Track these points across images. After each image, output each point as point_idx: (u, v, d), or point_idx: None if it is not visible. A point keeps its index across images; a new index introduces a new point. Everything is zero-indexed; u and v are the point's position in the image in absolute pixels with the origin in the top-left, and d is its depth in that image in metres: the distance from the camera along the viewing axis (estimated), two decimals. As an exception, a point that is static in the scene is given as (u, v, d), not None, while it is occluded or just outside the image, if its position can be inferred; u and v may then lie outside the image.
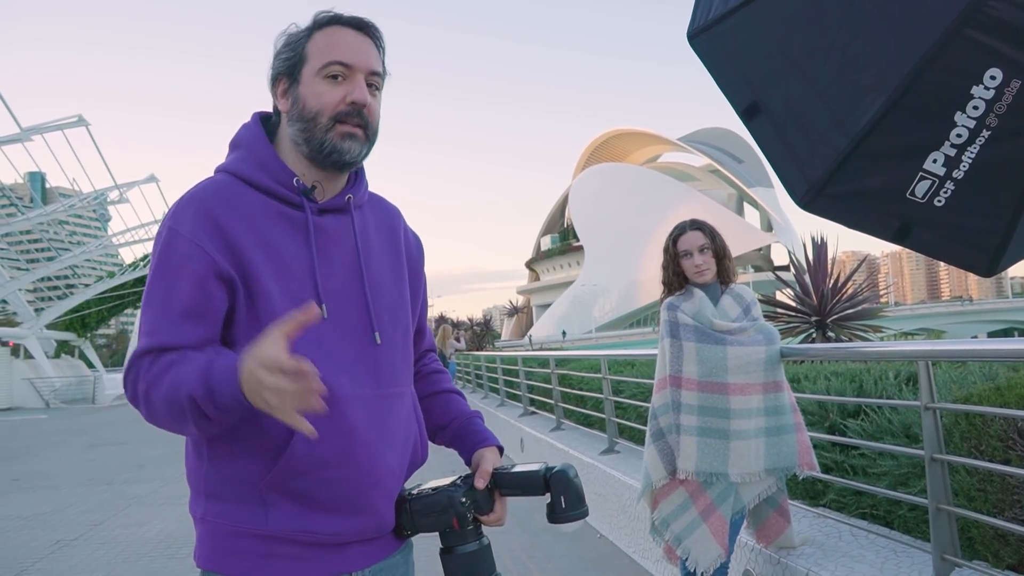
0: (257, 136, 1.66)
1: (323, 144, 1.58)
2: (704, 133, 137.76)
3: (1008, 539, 3.07)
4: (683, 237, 3.56)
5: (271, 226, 1.56)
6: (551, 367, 9.68)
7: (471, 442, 1.80)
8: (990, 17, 1.60)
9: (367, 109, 1.59)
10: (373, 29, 1.65)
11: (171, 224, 1.53)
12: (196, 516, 1.57)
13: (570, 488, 1.61)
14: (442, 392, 1.93)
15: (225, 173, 1.62)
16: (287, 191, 1.59)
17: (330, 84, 1.58)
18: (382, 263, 1.72)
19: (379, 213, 1.80)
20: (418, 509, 1.60)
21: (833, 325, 10.12)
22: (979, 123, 1.69)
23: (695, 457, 3.32)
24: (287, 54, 1.62)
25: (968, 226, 1.86)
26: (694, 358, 3.40)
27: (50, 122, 35.36)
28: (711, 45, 2.02)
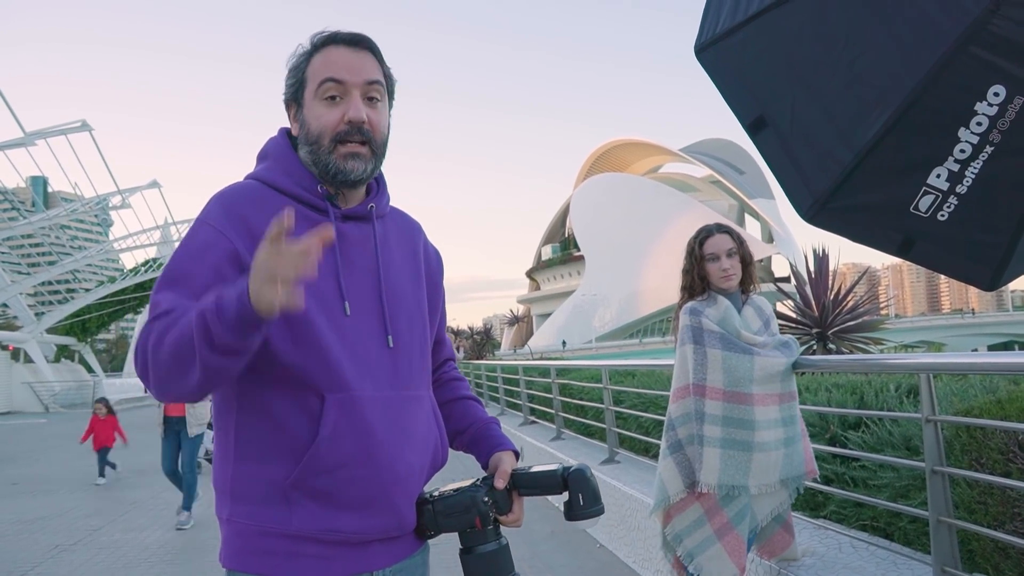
0: (283, 148, 1.71)
1: (328, 166, 1.61)
2: (705, 144, 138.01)
3: (1009, 552, 3.08)
4: (711, 240, 3.40)
5: (296, 229, 1.52)
6: (552, 377, 9.68)
7: (488, 446, 1.83)
8: (994, 35, 1.62)
9: (367, 124, 1.61)
10: (367, 42, 1.67)
11: (200, 217, 1.59)
12: (222, 517, 1.60)
13: (588, 486, 1.65)
14: (460, 399, 1.96)
15: (253, 180, 1.67)
16: (312, 196, 1.63)
17: (327, 105, 1.61)
18: (401, 272, 1.75)
19: (400, 226, 1.83)
20: (441, 510, 1.62)
21: (834, 337, 10.13)
22: (982, 139, 1.71)
23: (718, 470, 3.20)
24: (291, 80, 1.68)
25: (971, 240, 1.88)
26: (719, 366, 3.25)
27: (54, 126, 35.41)
28: (718, 59, 2.05)
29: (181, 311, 1.42)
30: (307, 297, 1.50)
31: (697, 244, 3.43)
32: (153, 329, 1.44)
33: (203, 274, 1.50)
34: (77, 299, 43.90)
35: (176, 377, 1.43)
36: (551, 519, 7.04)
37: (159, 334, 1.42)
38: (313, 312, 1.55)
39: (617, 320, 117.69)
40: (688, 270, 3.45)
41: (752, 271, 3.46)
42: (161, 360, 1.42)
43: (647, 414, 6.75)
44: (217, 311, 1.33)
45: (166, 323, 1.42)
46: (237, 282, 1.35)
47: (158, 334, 1.42)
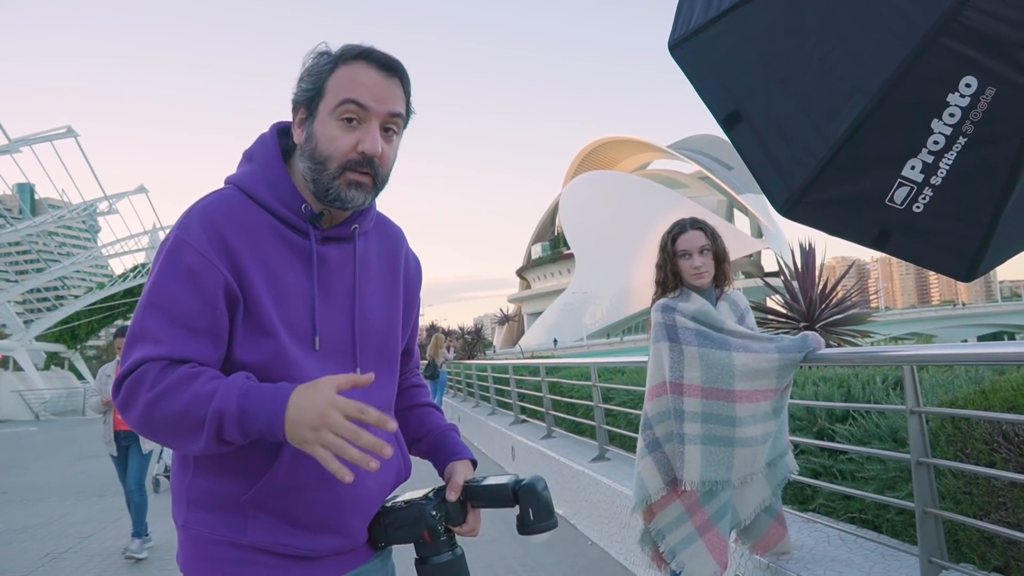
0: (271, 153, 1.63)
1: (328, 190, 1.55)
2: (693, 140, 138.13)
3: (994, 541, 3.09)
4: (683, 236, 3.38)
5: (274, 249, 1.55)
6: (541, 375, 9.68)
7: (444, 455, 1.82)
8: (965, 26, 1.62)
9: (378, 159, 1.55)
10: (401, 71, 1.59)
11: (179, 233, 1.51)
12: (178, 522, 1.60)
13: (539, 500, 1.63)
14: (419, 406, 1.95)
15: (234, 187, 1.60)
16: (294, 216, 1.57)
17: (343, 128, 1.53)
18: (377, 292, 1.72)
19: (382, 236, 1.79)
20: (390, 522, 1.63)
21: (822, 331, 10.14)
22: (955, 130, 1.72)
23: (700, 466, 3.18)
24: (308, 84, 1.58)
25: (947, 231, 1.89)
26: (697, 363, 3.22)
27: (39, 133, 35.23)
28: (692, 55, 2.05)
29: (186, 374, 1.40)
30: (281, 325, 1.52)
31: (670, 240, 3.41)
32: (148, 379, 1.41)
33: (193, 303, 1.46)
34: (66, 306, 43.77)
35: (166, 438, 1.46)
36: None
37: (159, 394, 1.40)
38: (286, 342, 1.52)
39: (608, 317, 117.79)
40: (661, 265, 3.43)
41: (726, 268, 3.43)
42: (155, 418, 1.41)
43: (636, 411, 6.75)
44: (240, 420, 1.35)
45: (169, 384, 1.40)
46: (257, 396, 1.36)
47: (158, 393, 1.40)
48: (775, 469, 3.40)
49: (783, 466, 3.43)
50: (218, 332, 1.48)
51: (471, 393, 17.67)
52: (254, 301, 1.49)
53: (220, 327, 1.48)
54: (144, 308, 1.48)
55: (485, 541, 6.24)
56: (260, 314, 1.50)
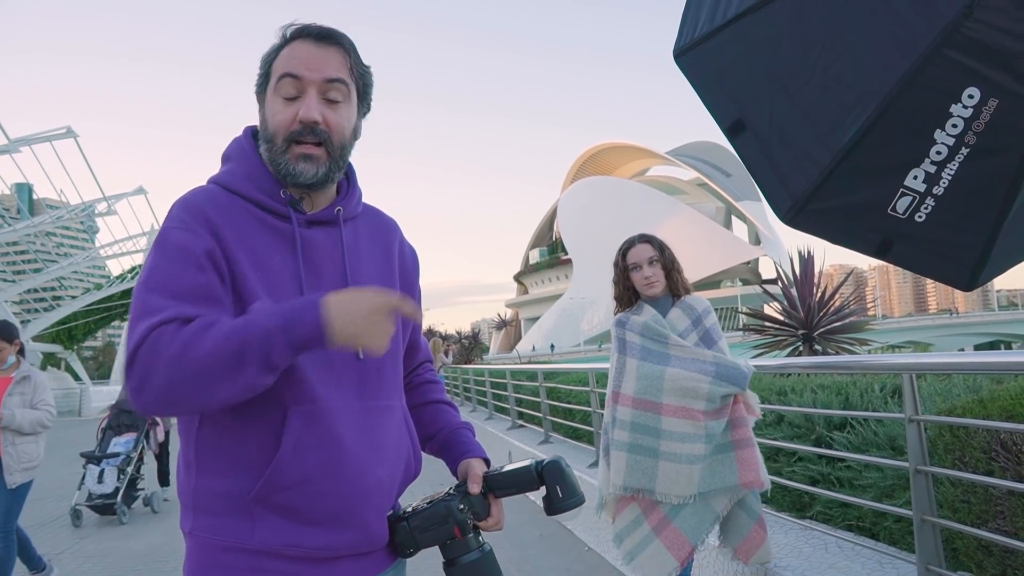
0: (245, 149, 1.64)
1: (279, 166, 1.56)
2: (692, 147, 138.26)
3: (992, 550, 3.10)
4: (632, 250, 3.57)
5: (259, 236, 1.54)
6: (539, 380, 9.68)
7: (457, 452, 1.79)
8: (968, 38, 1.64)
9: (323, 125, 1.54)
10: (337, 37, 1.60)
11: (167, 224, 1.52)
12: (185, 530, 1.55)
13: (564, 477, 1.63)
14: (432, 402, 1.92)
15: (215, 184, 1.61)
16: (274, 202, 1.57)
17: (284, 104, 1.55)
18: (372, 277, 1.68)
19: (374, 226, 1.78)
20: (417, 525, 1.57)
21: (820, 338, 10.17)
22: (958, 140, 1.73)
23: (624, 472, 3.33)
24: (260, 71, 1.62)
25: (948, 241, 1.90)
26: (634, 375, 3.41)
27: (38, 133, 35.18)
28: (697, 63, 2.06)
29: (204, 323, 1.36)
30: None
31: (620, 256, 3.62)
32: (166, 338, 1.34)
33: (188, 276, 1.43)
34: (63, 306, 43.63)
35: (200, 388, 1.34)
36: (539, 522, 7.05)
37: (184, 343, 1.33)
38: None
39: (605, 323, 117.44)
40: (617, 281, 3.64)
41: (677, 276, 3.59)
42: (187, 369, 1.32)
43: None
44: (286, 331, 1.34)
45: (191, 332, 1.34)
46: (292, 305, 1.37)
47: (183, 343, 1.33)
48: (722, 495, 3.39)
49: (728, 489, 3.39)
50: (220, 297, 1.45)
51: (468, 398, 17.66)
52: (243, 281, 1.48)
53: (220, 292, 1.46)
54: (143, 289, 1.43)
55: (482, 546, 6.23)
56: (248, 295, 1.48)
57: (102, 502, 8.80)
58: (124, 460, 9.20)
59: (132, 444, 9.46)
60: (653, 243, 3.58)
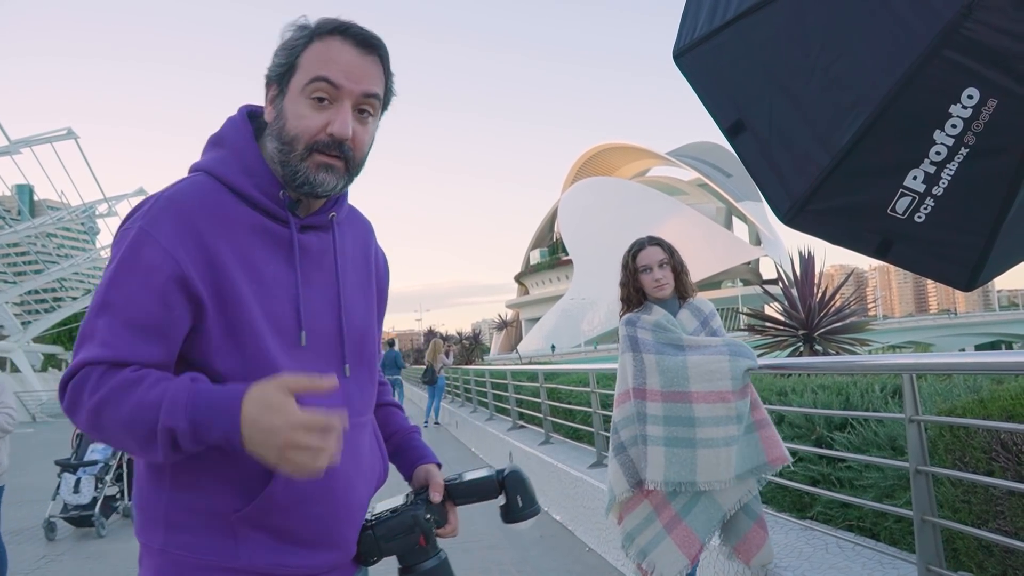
0: (244, 136, 1.52)
1: (296, 173, 1.45)
2: (693, 147, 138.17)
3: (992, 550, 3.10)
4: (642, 253, 3.60)
5: (253, 241, 1.45)
6: (540, 381, 9.68)
7: (412, 458, 1.76)
8: (967, 38, 1.64)
9: (350, 142, 1.45)
10: (380, 47, 1.48)
11: (144, 226, 1.38)
12: (153, 547, 1.44)
13: (525, 487, 1.64)
14: (384, 405, 1.86)
15: (205, 174, 1.48)
16: (273, 204, 1.47)
17: (313, 107, 1.43)
18: (355, 285, 1.63)
19: (355, 229, 1.71)
20: (382, 534, 1.54)
21: (820, 339, 10.17)
22: (957, 141, 1.73)
23: (663, 467, 3.33)
24: (281, 59, 1.47)
25: (948, 241, 1.90)
26: (655, 369, 3.42)
27: (39, 135, 35.23)
28: (696, 64, 2.07)
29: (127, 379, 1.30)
30: (263, 322, 1.42)
31: (631, 258, 3.64)
32: (90, 383, 1.32)
33: (149, 302, 1.34)
34: (64, 308, 43.73)
35: (124, 447, 1.35)
36: (540, 523, 7.05)
37: (102, 400, 1.30)
38: (269, 342, 1.42)
39: (606, 324, 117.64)
40: (625, 283, 3.67)
41: (685, 280, 3.65)
42: (102, 428, 1.33)
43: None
44: (194, 436, 1.27)
45: (112, 390, 1.30)
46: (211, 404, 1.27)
47: (101, 400, 1.30)
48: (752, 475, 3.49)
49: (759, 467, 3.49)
50: (173, 335, 1.37)
51: (469, 398, 17.66)
52: (233, 297, 1.39)
53: (176, 330, 1.38)
54: (97, 307, 1.36)
55: (483, 547, 6.24)
56: (240, 311, 1.39)
57: (78, 514, 8.22)
58: (102, 468, 8.55)
59: (111, 450, 8.75)
60: (663, 246, 3.63)
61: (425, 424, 18.06)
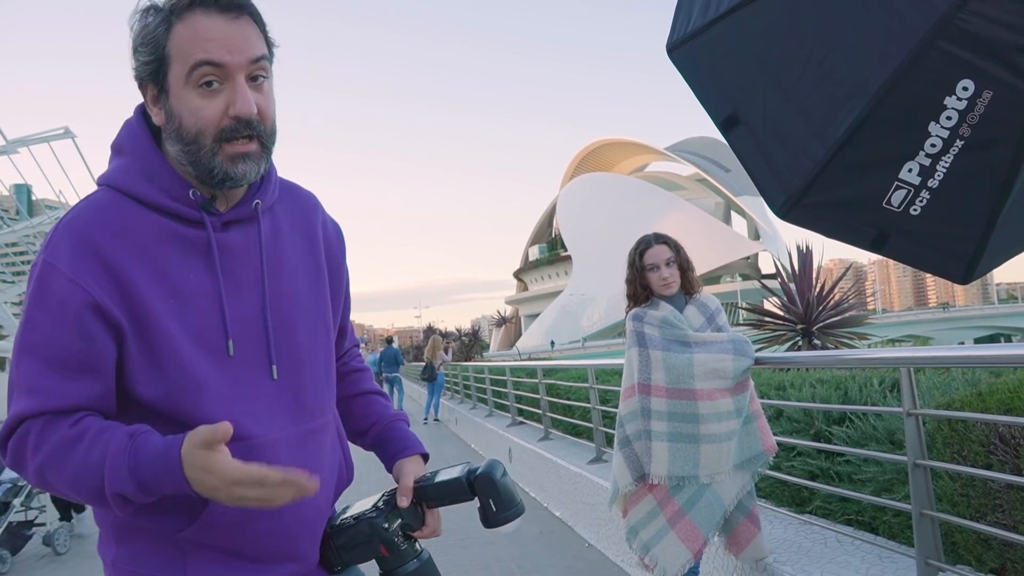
0: (141, 139, 1.40)
1: (212, 171, 1.34)
2: (691, 142, 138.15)
3: (990, 543, 3.10)
4: (649, 251, 3.64)
5: (167, 252, 1.35)
6: (539, 377, 9.68)
7: (392, 450, 1.66)
8: (962, 30, 1.63)
9: (257, 116, 1.33)
10: (245, 5, 1.34)
11: (46, 256, 1.31)
12: (106, 560, 1.42)
13: (497, 489, 1.49)
14: (362, 394, 1.77)
15: (108, 189, 1.38)
16: (183, 206, 1.36)
17: (204, 95, 1.30)
18: (298, 273, 1.52)
19: (292, 209, 1.58)
20: (342, 544, 1.49)
21: (819, 333, 10.16)
22: (952, 133, 1.72)
23: (667, 462, 3.38)
24: (145, 56, 1.33)
25: (944, 234, 1.89)
26: (661, 366, 3.46)
27: (36, 134, 35.15)
28: (690, 57, 2.06)
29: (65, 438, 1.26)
30: (183, 338, 1.34)
31: (637, 256, 3.68)
32: (30, 442, 1.28)
33: (67, 338, 1.28)
34: (62, 307, 43.63)
35: (78, 499, 1.34)
36: (539, 519, 7.05)
37: (42, 463, 1.27)
38: (193, 359, 1.33)
39: (605, 319, 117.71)
40: (631, 280, 3.69)
41: (691, 276, 3.70)
42: (52, 486, 1.31)
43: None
44: (144, 493, 1.24)
45: (54, 448, 1.26)
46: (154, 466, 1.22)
47: (41, 462, 1.27)
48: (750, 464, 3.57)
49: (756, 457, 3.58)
50: (100, 366, 1.31)
51: (468, 395, 17.66)
52: (149, 317, 1.31)
53: (102, 360, 1.31)
54: (17, 351, 1.30)
55: (481, 544, 6.24)
56: (157, 331, 1.31)
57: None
58: (8, 490, 7.13)
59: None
60: (670, 244, 3.67)
61: (425, 421, 18.07)
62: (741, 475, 3.52)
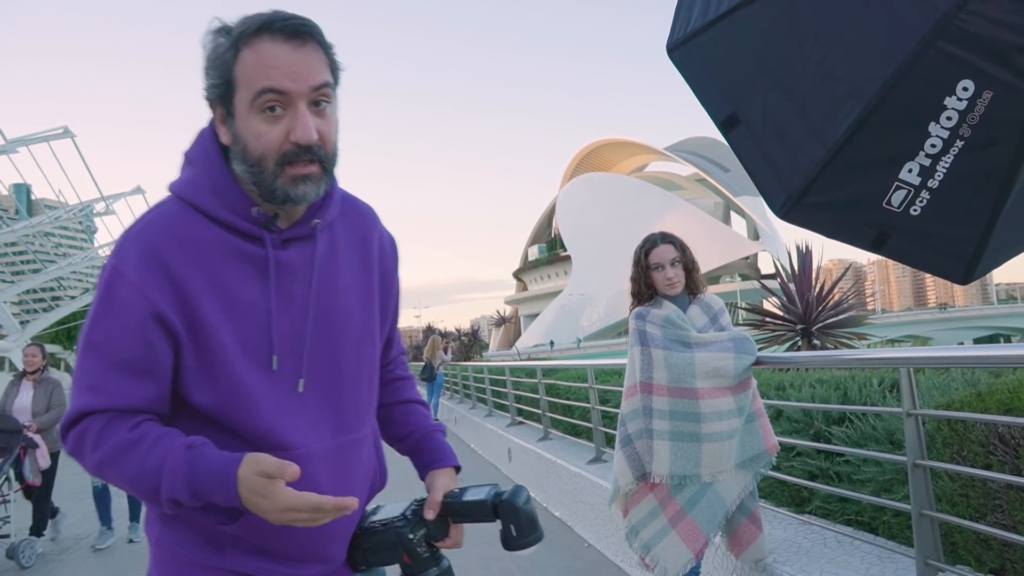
0: (211, 155, 1.46)
1: (274, 191, 1.39)
2: (690, 142, 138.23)
3: (990, 543, 3.10)
4: (655, 251, 3.62)
5: (227, 266, 1.41)
6: (538, 377, 9.68)
7: (426, 460, 1.73)
8: (962, 30, 1.63)
9: (318, 142, 1.38)
10: (312, 31, 1.38)
11: (116, 263, 1.38)
12: (151, 538, 1.51)
13: (520, 516, 1.56)
14: (403, 402, 1.84)
15: (177, 200, 1.45)
16: (245, 223, 1.43)
17: (267, 120, 1.36)
18: (348, 289, 1.57)
19: (351, 223, 1.63)
20: (368, 547, 1.57)
21: (818, 333, 10.17)
22: (952, 133, 1.72)
23: (668, 460, 3.38)
24: (215, 79, 1.39)
25: (943, 234, 1.89)
26: (663, 364, 3.45)
27: (35, 134, 35.22)
28: (690, 57, 2.06)
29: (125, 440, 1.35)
30: (236, 349, 1.41)
31: (643, 254, 3.67)
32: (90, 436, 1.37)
33: (129, 342, 1.36)
34: (62, 307, 43.72)
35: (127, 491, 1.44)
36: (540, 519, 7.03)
37: (102, 459, 1.36)
38: (242, 369, 1.40)
39: (605, 319, 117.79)
40: (636, 278, 3.69)
41: (696, 277, 3.68)
42: (109, 478, 1.39)
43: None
44: (196, 500, 1.32)
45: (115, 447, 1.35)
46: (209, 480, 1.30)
47: (105, 455, 1.36)
48: (752, 464, 3.56)
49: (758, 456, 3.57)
50: (158, 371, 1.39)
51: (468, 395, 17.66)
52: (206, 328, 1.38)
53: (160, 365, 1.39)
54: (83, 348, 1.39)
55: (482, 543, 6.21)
56: (213, 342, 1.38)
57: None
58: None
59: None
60: (676, 243, 3.65)
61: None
62: (743, 475, 3.51)
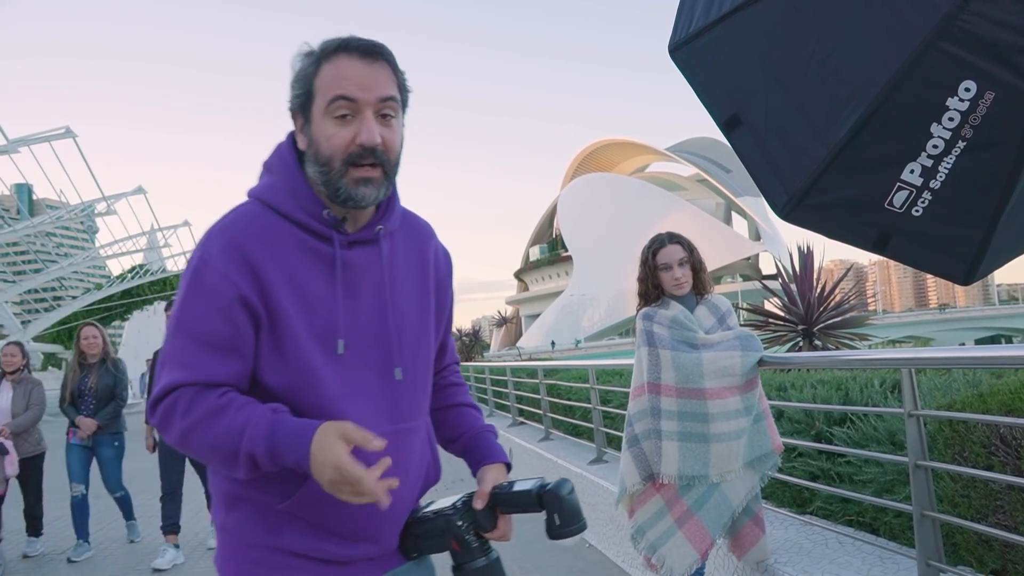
0: (289, 163, 1.63)
1: (338, 190, 1.55)
2: (692, 143, 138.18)
3: (992, 544, 3.09)
4: (663, 251, 3.61)
5: (299, 261, 1.57)
6: (539, 377, 9.68)
7: (477, 457, 1.84)
8: (964, 31, 1.63)
9: (381, 147, 1.54)
10: (383, 53, 1.57)
11: (202, 253, 1.54)
12: (216, 523, 1.65)
13: (563, 505, 1.62)
14: (456, 405, 1.96)
15: (256, 201, 1.61)
16: (317, 223, 1.58)
17: (338, 125, 1.53)
18: (409, 293, 1.72)
19: (410, 235, 1.79)
20: (420, 533, 1.66)
21: (819, 333, 10.17)
22: (954, 134, 1.72)
23: (677, 461, 3.38)
24: (298, 90, 1.59)
25: (945, 235, 1.89)
26: (670, 365, 3.44)
27: (37, 134, 35.23)
28: (692, 58, 2.06)
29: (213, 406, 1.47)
30: (307, 337, 1.55)
31: (650, 254, 3.65)
32: (180, 407, 1.49)
33: (216, 322, 1.50)
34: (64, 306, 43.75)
35: (209, 463, 1.57)
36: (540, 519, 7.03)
37: (192, 423, 1.48)
38: (311, 353, 1.54)
39: (606, 320, 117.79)
40: (643, 279, 3.68)
41: (703, 277, 3.68)
42: (191, 447, 1.51)
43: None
44: (272, 460, 1.44)
45: (202, 415, 1.48)
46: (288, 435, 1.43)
47: (192, 423, 1.48)
48: (760, 464, 3.55)
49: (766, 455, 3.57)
50: (243, 350, 1.53)
51: (469, 395, 17.62)
52: (280, 314, 1.53)
53: (245, 344, 1.53)
54: (172, 330, 1.54)
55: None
56: (286, 327, 1.53)
57: None
58: None
59: None
60: (683, 243, 3.65)
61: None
62: (750, 476, 3.50)
